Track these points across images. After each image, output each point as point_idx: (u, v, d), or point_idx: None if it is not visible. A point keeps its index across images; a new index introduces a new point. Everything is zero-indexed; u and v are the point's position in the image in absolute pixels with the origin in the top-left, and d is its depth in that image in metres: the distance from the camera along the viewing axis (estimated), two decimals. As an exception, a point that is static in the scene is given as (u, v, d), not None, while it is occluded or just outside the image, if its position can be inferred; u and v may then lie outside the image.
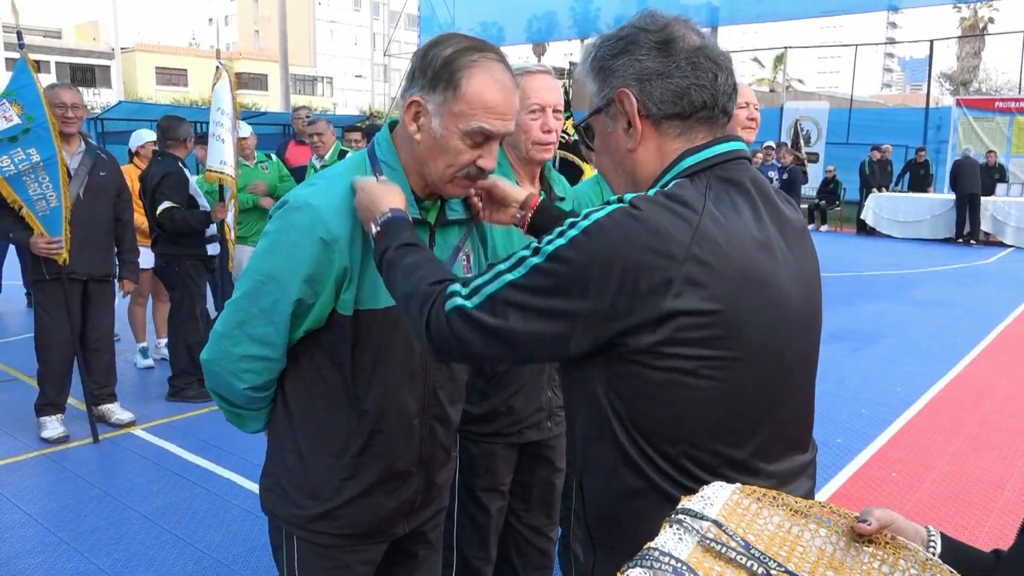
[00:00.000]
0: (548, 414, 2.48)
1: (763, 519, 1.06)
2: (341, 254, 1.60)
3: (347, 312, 1.65)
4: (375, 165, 1.69)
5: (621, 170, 1.35)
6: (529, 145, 2.35)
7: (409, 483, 1.82)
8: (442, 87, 1.57)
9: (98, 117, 19.79)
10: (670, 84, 1.26)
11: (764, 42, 47.78)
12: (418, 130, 1.62)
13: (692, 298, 1.12)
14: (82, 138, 4.90)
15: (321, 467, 1.75)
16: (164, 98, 36.93)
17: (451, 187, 1.66)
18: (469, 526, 2.50)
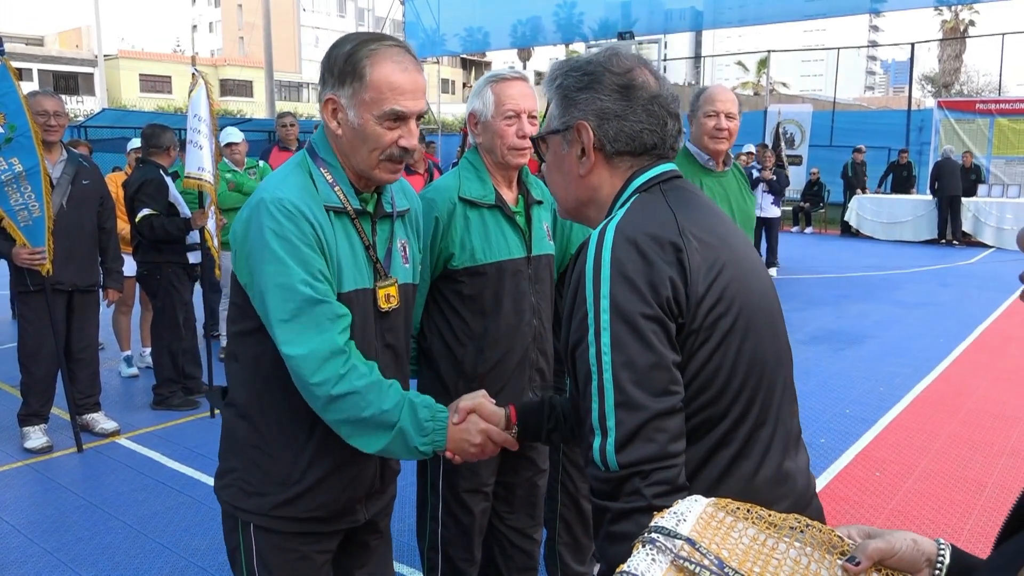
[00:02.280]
0: None
1: (737, 532, 1.07)
2: (325, 237, 1.71)
3: None
4: (317, 163, 1.79)
5: (570, 188, 1.49)
6: (505, 150, 2.39)
7: (367, 465, 1.88)
8: (349, 80, 1.71)
9: (82, 125, 19.67)
10: (625, 126, 1.41)
11: (748, 45, 48.10)
12: (339, 125, 1.75)
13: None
14: (63, 147, 4.88)
15: (285, 454, 1.80)
16: (148, 105, 36.74)
17: (380, 172, 1.77)
18: (453, 527, 2.51)
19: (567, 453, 2.91)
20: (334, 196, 1.77)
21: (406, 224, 1.99)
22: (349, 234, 1.79)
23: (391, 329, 1.89)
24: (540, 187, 2.65)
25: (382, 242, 1.87)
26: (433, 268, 2.40)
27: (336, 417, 1.68)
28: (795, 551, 1.04)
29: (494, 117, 2.38)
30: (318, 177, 1.77)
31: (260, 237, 1.66)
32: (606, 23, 20.98)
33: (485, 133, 2.42)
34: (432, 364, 2.48)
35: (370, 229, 1.84)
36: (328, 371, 1.64)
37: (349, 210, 1.78)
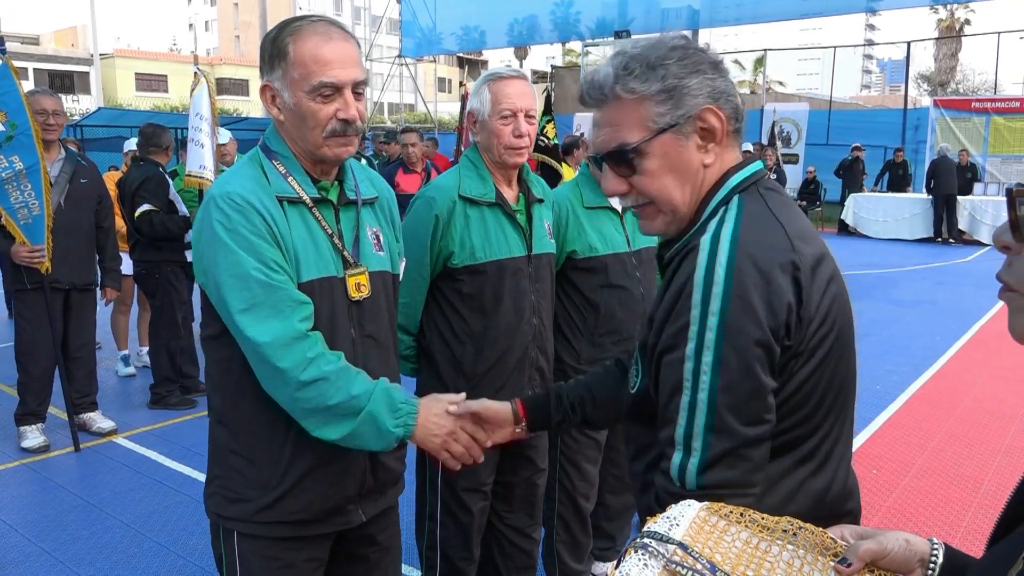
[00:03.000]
0: None
1: (731, 536, 1.07)
2: (279, 229, 1.69)
3: None
4: (270, 156, 1.78)
5: (688, 187, 1.35)
6: (502, 150, 2.40)
7: (355, 462, 1.84)
8: (277, 62, 1.71)
9: (78, 124, 19.65)
10: (732, 101, 1.34)
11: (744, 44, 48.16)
12: (279, 111, 1.75)
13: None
14: (61, 145, 4.88)
15: (263, 455, 1.78)
16: (144, 104, 36.69)
17: (328, 149, 1.75)
18: (452, 526, 2.52)
19: (565, 452, 2.92)
20: (287, 187, 1.75)
21: (376, 212, 1.96)
22: (308, 224, 1.76)
23: (369, 318, 1.85)
24: (541, 185, 2.65)
25: (348, 230, 1.84)
26: (433, 266, 2.40)
27: (304, 407, 1.66)
28: (788, 554, 1.05)
29: (491, 116, 2.38)
30: (270, 169, 1.76)
31: (211, 232, 1.67)
32: (603, 21, 21.03)
33: (483, 132, 2.43)
34: (432, 362, 2.49)
35: (333, 217, 1.82)
36: (295, 355, 1.63)
37: (305, 199, 1.76)
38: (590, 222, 2.84)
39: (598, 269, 2.81)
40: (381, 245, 1.93)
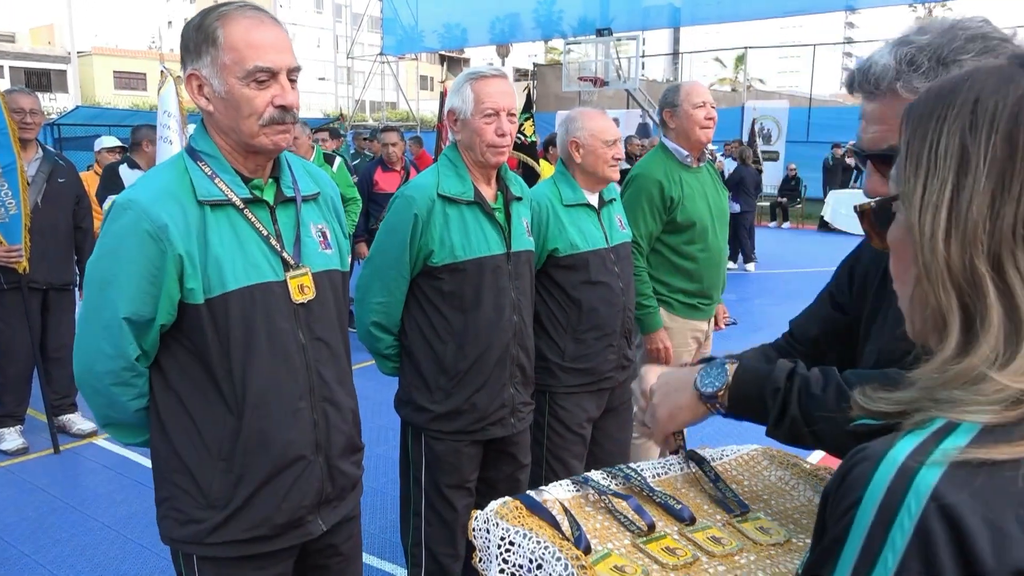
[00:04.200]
0: (511, 410, 2.51)
1: (768, 472, 1.28)
2: (173, 243, 1.61)
3: (197, 301, 1.64)
4: (195, 158, 1.71)
5: None
6: (484, 148, 2.40)
7: (309, 471, 1.78)
8: (205, 49, 1.63)
9: (55, 123, 19.39)
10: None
11: (725, 42, 48.38)
12: (208, 101, 1.66)
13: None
14: (39, 144, 4.82)
15: (209, 473, 1.71)
16: (123, 102, 36.33)
17: (265, 138, 1.67)
18: (437, 524, 2.52)
19: (551, 448, 2.92)
20: (214, 189, 1.67)
21: (321, 208, 1.88)
22: (237, 228, 1.68)
23: (318, 321, 1.78)
24: (519, 183, 2.65)
25: (288, 230, 1.76)
26: (413, 265, 2.40)
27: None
28: (811, 492, 1.20)
29: (474, 115, 2.38)
30: (194, 172, 1.68)
31: (101, 237, 1.66)
32: (584, 19, 21.02)
33: (464, 131, 2.42)
34: (413, 361, 2.49)
35: (269, 218, 1.74)
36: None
37: (234, 201, 1.68)
38: (570, 219, 2.85)
39: (579, 266, 2.82)
40: (328, 243, 1.85)
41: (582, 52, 19.78)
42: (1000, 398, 0.66)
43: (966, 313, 0.72)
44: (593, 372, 2.88)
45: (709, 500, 1.26)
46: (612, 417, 3.04)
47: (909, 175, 0.76)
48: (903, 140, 0.79)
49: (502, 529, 1.14)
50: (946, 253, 0.72)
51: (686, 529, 1.18)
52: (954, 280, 0.72)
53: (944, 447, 0.65)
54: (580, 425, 2.90)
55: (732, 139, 15.74)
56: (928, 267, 0.73)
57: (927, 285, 0.74)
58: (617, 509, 1.21)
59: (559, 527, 1.13)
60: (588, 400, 2.91)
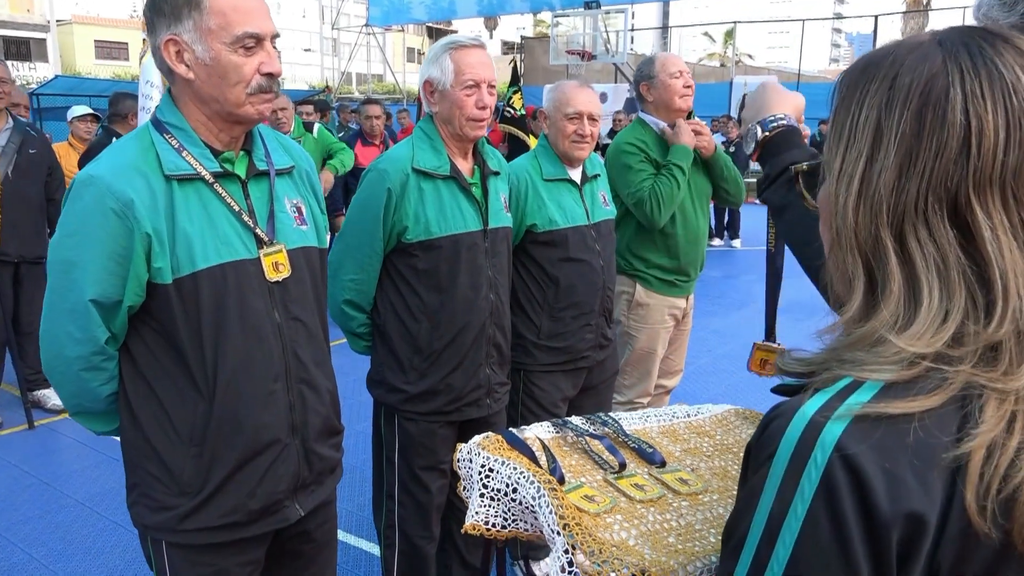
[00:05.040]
0: (487, 391, 2.47)
1: (740, 430, 1.43)
2: (139, 220, 1.54)
3: (166, 281, 1.58)
4: (161, 130, 1.63)
5: None
6: (463, 121, 2.32)
7: (285, 455, 1.73)
8: (187, 12, 1.55)
9: (34, 92, 19.04)
10: None
11: (714, 17, 48.01)
12: (188, 68, 1.58)
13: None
14: (9, 114, 4.71)
15: (180, 458, 1.65)
16: (104, 72, 35.74)
17: (251, 107, 1.61)
18: (410, 505, 2.48)
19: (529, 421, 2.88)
20: (181, 162, 1.59)
21: (296, 182, 1.81)
22: (206, 203, 1.61)
23: (294, 300, 1.72)
24: (497, 157, 2.59)
25: (262, 205, 1.69)
26: (386, 241, 2.33)
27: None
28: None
29: (453, 87, 2.29)
30: (160, 145, 1.60)
31: (64, 214, 1.59)
32: (573, -8, 20.79)
33: (443, 102, 2.33)
34: (386, 340, 2.43)
35: (241, 193, 1.67)
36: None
37: (204, 175, 1.61)
38: (549, 195, 2.79)
39: (558, 242, 2.77)
40: (304, 218, 1.79)
41: (570, 25, 19.56)
42: (898, 359, 0.72)
43: (871, 279, 0.78)
44: (569, 351, 2.83)
45: (683, 450, 1.38)
46: (591, 396, 3.00)
47: (833, 144, 0.81)
48: (832, 108, 0.83)
49: (483, 458, 1.24)
50: (855, 221, 0.77)
51: (655, 470, 1.29)
52: (860, 247, 0.77)
53: (849, 403, 0.70)
54: (555, 404, 2.86)
55: (720, 114, 15.63)
56: (839, 233, 0.79)
57: (838, 250, 0.80)
58: (592, 450, 1.32)
59: (536, 459, 1.24)
60: (563, 379, 2.87)
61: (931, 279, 0.74)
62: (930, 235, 0.74)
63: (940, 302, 0.73)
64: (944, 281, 0.73)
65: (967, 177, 0.73)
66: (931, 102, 0.74)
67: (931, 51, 0.77)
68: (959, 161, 0.73)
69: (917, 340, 0.72)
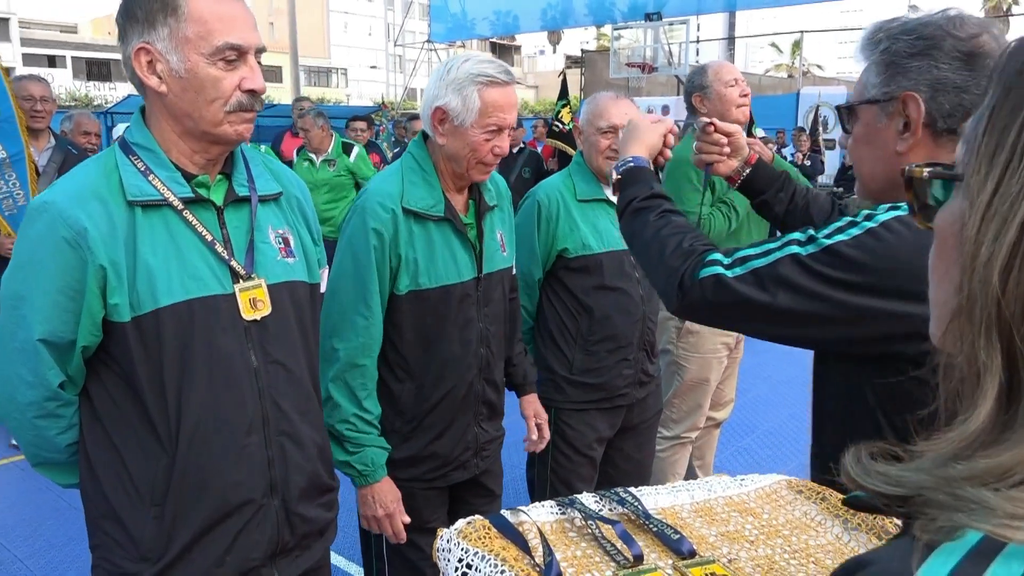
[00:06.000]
0: (475, 452, 2.21)
1: (792, 506, 1.21)
2: (94, 251, 1.37)
3: (123, 319, 1.39)
4: (128, 152, 1.45)
5: (879, 167, 1.32)
6: (473, 163, 2.02)
7: (261, 517, 1.53)
8: (162, 18, 1.37)
9: (107, 111, 19.69)
10: (965, 100, 1.22)
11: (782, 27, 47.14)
12: (161, 80, 1.40)
13: None
14: (52, 134, 4.70)
15: (140, 520, 1.46)
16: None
17: (229, 127, 1.44)
18: (401, 566, 2.22)
19: (556, 471, 2.63)
20: (147, 186, 1.43)
21: (284, 210, 1.64)
22: (174, 232, 1.45)
23: (275, 341, 1.54)
24: (495, 187, 2.27)
25: (240, 235, 1.52)
26: (384, 296, 2.04)
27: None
28: (840, 528, 1.12)
29: (473, 126, 1.98)
30: (125, 168, 1.43)
31: (19, 243, 1.44)
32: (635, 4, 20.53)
33: (455, 138, 2.00)
34: None
35: (215, 221, 1.50)
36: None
37: (172, 201, 1.44)
38: (583, 216, 2.55)
39: (592, 269, 2.53)
40: (291, 250, 1.60)
41: (632, 37, 19.31)
42: None
43: (1012, 379, 0.51)
44: (605, 388, 2.58)
45: (720, 535, 1.15)
46: (630, 436, 2.74)
47: (982, 160, 0.53)
48: (988, 99, 0.55)
49: (461, 550, 1.05)
50: (1001, 289, 0.51)
51: (682, 563, 1.05)
52: (1003, 331, 0.51)
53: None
54: (589, 446, 2.61)
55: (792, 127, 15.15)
56: (972, 301, 0.52)
57: (965, 323, 0.53)
58: (604, 536, 1.10)
59: (529, 552, 1.03)
60: (599, 418, 2.62)
61: None
62: None
63: None
64: None
65: None
66: None
67: None
68: None
69: None
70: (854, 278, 1.19)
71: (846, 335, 1.23)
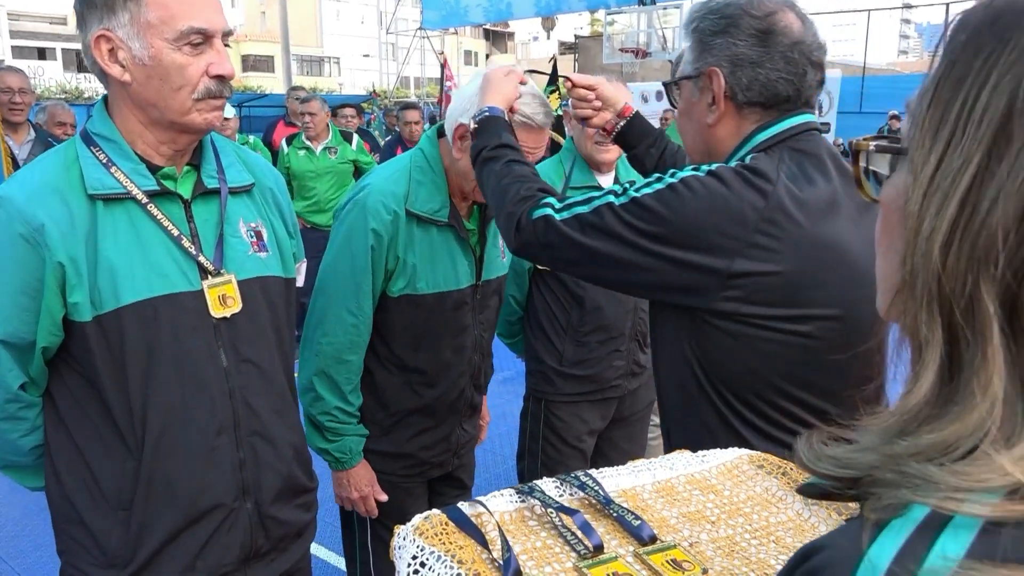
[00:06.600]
0: (454, 452, 2.17)
1: (753, 481, 1.15)
2: (52, 247, 1.31)
3: (84, 318, 1.34)
4: (89, 143, 1.39)
5: (698, 138, 1.46)
6: (472, 188, 1.94)
7: (232, 521, 1.48)
8: (122, 3, 1.30)
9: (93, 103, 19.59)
10: (760, 74, 1.34)
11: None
12: (123, 68, 1.34)
13: (758, 261, 1.27)
14: (31, 126, 4.63)
15: (107, 525, 1.42)
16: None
17: (198, 115, 1.38)
18: (384, 554, 2.19)
19: (546, 463, 2.58)
20: (109, 179, 1.37)
21: (258, 202, 1.57)
22: (138, 226, 1.39)
23: (246, 339, 1.48)
24: None
25: (209, 228, 1.46)
26: (375, 297, 1.98)
27: None
28: (800, 504, 1.09)
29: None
30: (86, 160, 1.38)
31: None
32: (629, -11, 20.39)
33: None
34: None
35: (182, 214, 1.44)
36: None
37: (136, 194, 1.38)
38: (574, 204, 2.48)
39: None
40: (263, 244, 1.54)
41: (625, 23, 19.20)
42: (998, 485, 0.47)
43: (952, 352, 0.52)
44: (596, 380, 2.52)
45: (681, 515, 1.11)
46: (622, 428, 2.69)
47: (926, 134, 0.54)
48: (933, 72, 0.56)
49: (416, 548, 1.01)
50: (942, 263, 0.51)
51: (643, 550, 1.01)
52: (944, 304, 0.52)
53: (939, 553, 0.46)
54: (579, 438, 2.56)
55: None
56: (914, 276, 0.53)
57: (908, 297, 0.54)
58: (564, 525, 1.05)
59: (487, 546, 0.98)
60: (589, 411, 2.56)
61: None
62: None
63: None
64: None
65: None
66: None
67: None
68: None
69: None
70: (653, 228, 1.28)
71: (650, 281, 1.33)
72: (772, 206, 1.26)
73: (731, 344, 1.32)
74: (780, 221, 1.26)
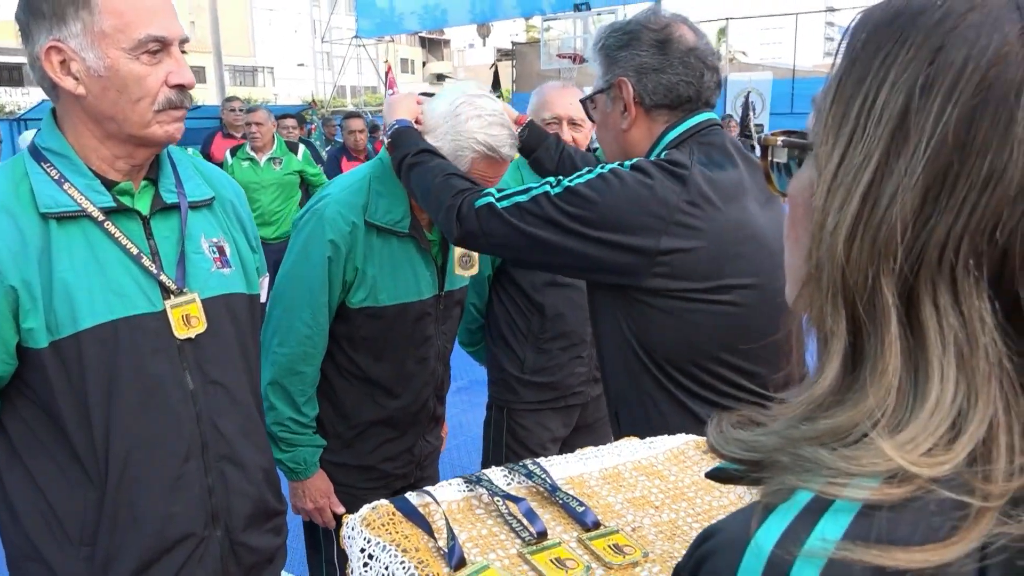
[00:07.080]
0: (417, 464, 2.17)
1: (699, 467, 1.19)
2: (3, 271, 1.26)
3: (40, 344, 1.28)
4: (39, 159, 1.34)
5: (616, 144, 1.63)
6: None
7: (203, 551, 1.43)
8: (72, 12, 1.26)
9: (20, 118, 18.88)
10: (662, 79, 1.52)
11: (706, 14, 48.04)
12: (77, 81, 1.29)
13: (682, 239, 1.42)
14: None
15: (68, 561, 1.36)
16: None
17: (159, 127, 1.34)
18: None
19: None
20: (62, 196, 1.31)
21: (218, 217, 1.54)
22: (95, 245, 1.34)
23: (212, 360, 1.44)
24: None
25: (169, 245, 1.42)
26: (332, 310, 1.96)
27: None
28: (742, 488, 1.11)
29: (469, 169, 1.83)
30: (36, 176, 1.32)
31: None
32: (565, -2, 20.57)
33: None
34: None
35: (141, 232, 1.40)
36: None
37: (91, 211, 1.33)
38: (530, 212, 2.49)
39: None
40: (226, 260, 1.50)
41: (561, 29, 19.37)
42: (880, 471, 0.49)
43: (856, 343, 0.54)
44: (558, 387, 2.53)
45: (625, 501, 1.14)
46: (585, 435, 2.70)
47: (829, 131, 0.55)
48: (835, 70, 0.57)
49: (364, 539, 1.02)
50: (845, 256, 0.53)
51: (586, 535, 1.04)
52: (847, 296, 0.54)
53: (819, 535, 0.49)
54: (542, 446, 2.56)
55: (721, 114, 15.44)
56: (820, 269, 0.55)
57: (814, 290, 0.56)
58: (510, 513, 1.08)
59: (433, 535, 1.01)
60: (552, 418, 2.56)
61: (947, 365, 0.50)
62: (956, 302, 0.51)
63: (954, 401, 0.50)
64: (967, 372, 0.50)
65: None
66: (993, 99, 0.48)
67: (1005, 15, 0.50)
68: (1021, 201, 0.49)
69: (910, 449, 0.49)
70: (586, 213, 1.42)
71: (586, 263, 1.46)
72: (690, 189, 1.43)
73: (663, 318, 1.46)
74: (699, 202, 1.43)
